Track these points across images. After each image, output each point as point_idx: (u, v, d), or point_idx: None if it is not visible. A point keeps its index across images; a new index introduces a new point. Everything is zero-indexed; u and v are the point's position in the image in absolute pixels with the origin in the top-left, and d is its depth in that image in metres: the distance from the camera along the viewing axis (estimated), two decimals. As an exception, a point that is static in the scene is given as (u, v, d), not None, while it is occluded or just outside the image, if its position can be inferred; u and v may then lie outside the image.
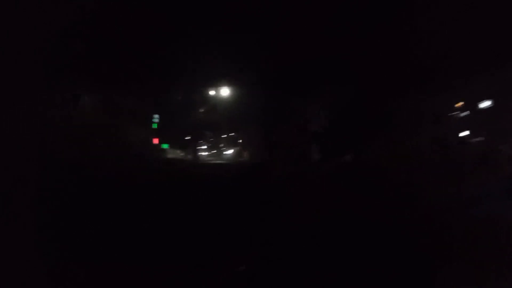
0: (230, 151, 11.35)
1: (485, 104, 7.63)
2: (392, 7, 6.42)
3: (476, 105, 7.71)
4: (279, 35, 7.19)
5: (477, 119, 7.56)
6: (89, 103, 6.80)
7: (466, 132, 7.57)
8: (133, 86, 7.70)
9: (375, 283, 2.86)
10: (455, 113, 7.78)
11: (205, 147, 11.48)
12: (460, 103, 7.76)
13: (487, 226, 3.83)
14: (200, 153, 11.28)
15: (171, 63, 7.86)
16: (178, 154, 10.83)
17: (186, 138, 11.01)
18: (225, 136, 11.38)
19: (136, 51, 6.97)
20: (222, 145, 11.69)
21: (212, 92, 10.03)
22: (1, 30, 3.83)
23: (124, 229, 3.63)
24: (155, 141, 8.82)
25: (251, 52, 7.62)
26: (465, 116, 7.71)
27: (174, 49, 7.44)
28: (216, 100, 10.43)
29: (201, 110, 10.79)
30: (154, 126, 8.65)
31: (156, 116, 8.66)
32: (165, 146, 9.20)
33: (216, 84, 9.85)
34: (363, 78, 7.30)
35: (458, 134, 7.57)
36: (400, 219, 4.05)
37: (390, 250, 3.31)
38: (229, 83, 9.67)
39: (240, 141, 11.33)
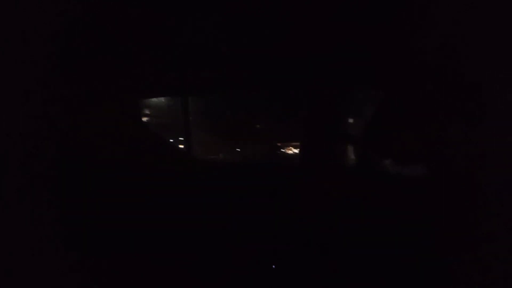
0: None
1: None
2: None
3: None
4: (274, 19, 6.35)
5: None
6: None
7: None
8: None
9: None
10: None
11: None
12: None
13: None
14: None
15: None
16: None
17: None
18: (172, 141, 10.71)
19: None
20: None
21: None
22: (1, 29, 3.42)
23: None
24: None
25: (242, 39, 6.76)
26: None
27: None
28: (166, 102, 9.73)
29: (148, 112, 10.02)
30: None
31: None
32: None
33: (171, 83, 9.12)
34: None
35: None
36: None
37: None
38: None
39: (186, 146, 10.70)
